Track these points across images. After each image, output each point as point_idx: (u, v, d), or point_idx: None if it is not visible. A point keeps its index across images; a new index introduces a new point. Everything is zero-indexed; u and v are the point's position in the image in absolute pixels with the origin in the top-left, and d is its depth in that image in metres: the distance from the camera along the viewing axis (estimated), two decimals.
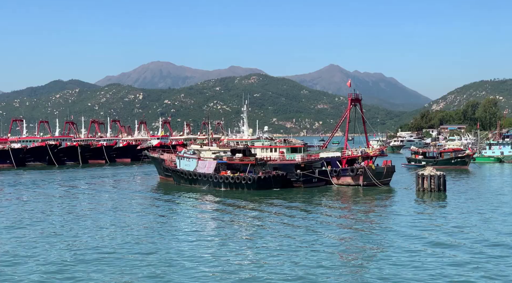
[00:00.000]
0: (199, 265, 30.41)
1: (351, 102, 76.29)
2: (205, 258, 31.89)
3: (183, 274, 28.78)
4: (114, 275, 28.59)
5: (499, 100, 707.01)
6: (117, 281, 27.58)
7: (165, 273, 28.84)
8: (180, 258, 31.88)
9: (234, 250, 33.88)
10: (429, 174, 62.96)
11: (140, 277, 28.25)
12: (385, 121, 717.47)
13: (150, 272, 29.09)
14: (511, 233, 38.31)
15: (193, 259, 31.61)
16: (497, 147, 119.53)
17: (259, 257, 32.07)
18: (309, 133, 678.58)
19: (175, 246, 35.23)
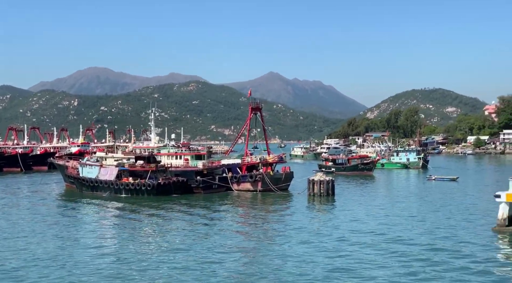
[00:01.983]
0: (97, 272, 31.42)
1: (252, 110, 79.54)
2: (102, 266, 32.79)
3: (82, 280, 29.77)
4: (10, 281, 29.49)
5: (429, 108, 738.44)
6: None
7: (63, 279, 29.77)
8: (77, 266, 32.59)
9: (132, 256, 34.87)
10: (319, 179, 66.98)
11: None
12: (323, 129, 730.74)
13: (47, 278, 29.87)
14: (386, 234, 41.98)
15: (91, 270, 32.01)
16: (403, 154, 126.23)
17: (159, 262, 33.52)
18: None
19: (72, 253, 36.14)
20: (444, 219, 48.93)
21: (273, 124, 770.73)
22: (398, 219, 49.86)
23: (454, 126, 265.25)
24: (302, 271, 30.92)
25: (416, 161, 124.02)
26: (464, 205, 58.11)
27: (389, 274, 30.21)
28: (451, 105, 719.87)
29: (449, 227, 44.78)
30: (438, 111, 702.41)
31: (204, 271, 30.89)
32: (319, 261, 33.38)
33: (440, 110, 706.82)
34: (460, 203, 60.51)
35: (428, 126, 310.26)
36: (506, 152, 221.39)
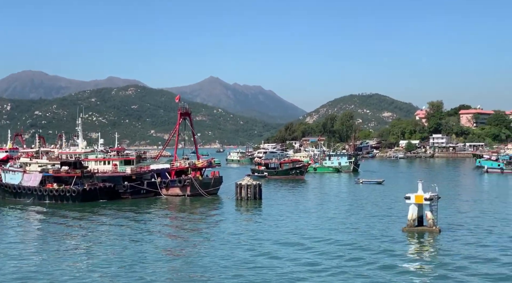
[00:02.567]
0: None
1: (181, 116, 79.59)
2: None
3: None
4: None
5: (366, 113, 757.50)
6: None
7: None
8: None
9: (54, 266, 34.18)
10: (246, 184, 67.83)
11: None
12: (263, 133, 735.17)
13: None
14: (305, 235, 43.54)
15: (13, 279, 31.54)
16: (335, 158, 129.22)
17: (83, 269, 33.22)
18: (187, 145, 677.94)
19: None
20: (361, 220, 50.83)
21: (213, 129, 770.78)
22: (319, 220, 51.60)
23: (387, 131, 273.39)
24: (229, 272, 31.83)
25: (348, 165, 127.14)
26: (382, 207, 60.38)
27: (309, 270, 31.99)
28: (387, 110, 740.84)
29: (365, 227, 46.62)
30: (375, 116, 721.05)
31: (131, 279, 30.91)
32: (244, 261, 34.45)
33: (376, 115, 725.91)
34: (380, 205, 62.82)
35: (363, 131, 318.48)
36: (435, 155, 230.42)
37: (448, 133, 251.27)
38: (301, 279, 30.27)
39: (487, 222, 48.82)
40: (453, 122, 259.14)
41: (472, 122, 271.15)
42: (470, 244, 38.86)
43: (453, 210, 57.57)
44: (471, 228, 45.40)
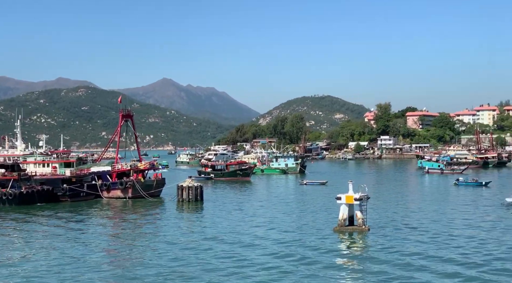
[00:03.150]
0: None
1: (123, 118, 78.93)
2: None
3: None
4: None
5: (319, 115, 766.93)
6: None
7: None
8: None
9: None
10: (188, 185, 67.95)
11: None
12: (216, 135, 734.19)
13: None
14: (242, 234, 44.33)
15: None
16: (282, 160, 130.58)
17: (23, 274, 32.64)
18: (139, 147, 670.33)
19: None
20: (297, 220, 51.93)
21: (166, 131, 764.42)
22: (257, 220, 52.59)
23: (337, 132, 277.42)
24: (170, 271, 32.40)
25: (294, 166, 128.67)
26: (320, 207, 61.64)
27: (242, 266, 33.15)
28: (339, 111, 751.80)
29: (299, 227, 47.73)
30: (327, 118, 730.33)
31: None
32: (185, 261, 35.18)
33: (329, 116, 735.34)
34: (318, 205, 64.10)
35: (313, 132, 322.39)
36: (383, 157, 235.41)
37: (396, 134, 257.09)
38: (233, 274, 31.38)
39: (416, 220, 50.56)
40: (400, 124, 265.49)
41: (418, 124, 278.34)
42: (397, 241, 40.21)
43: (386, 209, 59.42)
44: (399, 226, 46.93)
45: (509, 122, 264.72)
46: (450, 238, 41.67)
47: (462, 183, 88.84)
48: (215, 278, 30.85)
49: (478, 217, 52.74)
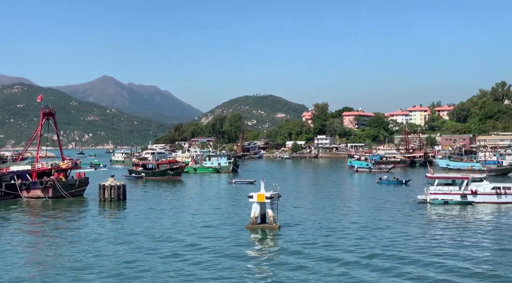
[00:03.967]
0: None
1: (44, 116, 77.26)
2: None
3: None
4: None
5: (261, 114, 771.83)
6: None
7: None
8: None
9: None
10: (110, 184, 67.32)
11: None
12: (158, 134, 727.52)
13: None
14: (158, 235, 44.25)
15: None
16: (215, 159, 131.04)
17: None
18: (78, 145, 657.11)
19: None
20: (214, 219, 52.53)
21: (106, 129, 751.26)
22: (175, 220, 52.75)
23: (275, 132, 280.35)
24: (90, 272, 32.33)
25: (227, 165, 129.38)
26: (239, 206, 62.29)
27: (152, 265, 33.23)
28: (281, 111, 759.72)
29: (213, 225, 48.37)
30: (269, 117, 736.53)
31: None
32: (98, 261, 35.09)
33: (271, 116, 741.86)
34: (237, 204, 64.76)
35: (252, 131, 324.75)
36: (319, 156, 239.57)
37: (332, 134, 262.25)
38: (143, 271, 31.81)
39: (327, 219, 52.05)
40: (337, 124, 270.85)
41: (354, 123, 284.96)
42: (306, 239, 41.35)
43: (303, 207, 60.99)
44: (311, 225, 48.18)
45: (439, 122, 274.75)
46: (356, 235, 43.20)
47: (384, 182, 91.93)
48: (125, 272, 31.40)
49: (387, 215, 54.77)
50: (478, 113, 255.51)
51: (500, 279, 30.32)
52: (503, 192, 60.58)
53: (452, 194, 61.31)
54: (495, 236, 42.55)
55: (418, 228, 46.83)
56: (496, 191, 60.81)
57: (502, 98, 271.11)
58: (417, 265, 33.12)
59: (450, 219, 51.61)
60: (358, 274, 31.44)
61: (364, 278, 30.57)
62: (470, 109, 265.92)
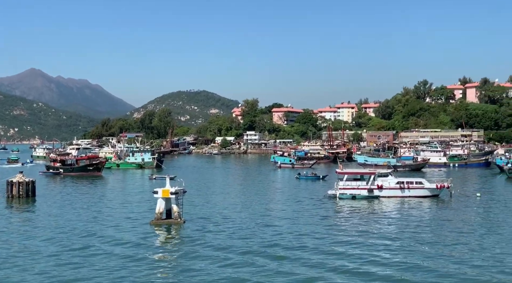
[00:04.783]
0: None
1: None
2: None
3: None
4: None
5: (194, 110, 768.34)
6: None
7: None
8: None
9: None
10: (18, 181, 65.34)
11: None
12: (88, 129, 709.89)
13: None
14: (72, 227, 43.48)
15: None
16: (139, 154, 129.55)
17: None
18: (3, 140, 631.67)
19: None
20: (120, 214, 52.25)
21: (33, 124, 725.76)
22: (83, 214, 52.32)
23: (205, 127, 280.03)
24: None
25: (151, 161, 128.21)
26: (150, 201, 62.03)
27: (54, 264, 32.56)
28: (215, 106, 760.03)
29: (118, 221, 48.05)
30: (202, 113, 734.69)
31: None
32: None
33: (204, 111, 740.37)
34: (150, 199, 64.41)
35: (181, 127, 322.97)
36: (248, 151, 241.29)
37: (261, 130, 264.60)
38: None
39: (236, 213, 52.86)
40: (266, 120, 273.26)
41: (283, 119, 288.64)
42: (210, 234, 41.81)
43: (213, 203, 61.54)
44: (216, 220, 48.67)
45: (366, 119, 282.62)
46: (260, 230, 44.00)
47: (302, 177, 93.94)
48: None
49: (296, 209, 56.17)
50: (402, 111, 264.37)
51: (403, 266, 32.21)
52: (406, 187, 63.38)
53: (360, 189, 63.52)
54: (398, 229, 44.27)
55: (322, 221, 48.50)
56: (400, 186, 63.51)
57: (424, 96, 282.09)
58: (318, 254, 34.70)
59: (355, 212, 53.56)
60: (260, 262, 32.65)
61: (267, 266, 31.84)
62: (394, 106, 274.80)
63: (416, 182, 64.74)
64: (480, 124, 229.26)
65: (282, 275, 30.25)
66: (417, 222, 47.76)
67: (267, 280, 29.42)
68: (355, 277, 29.89)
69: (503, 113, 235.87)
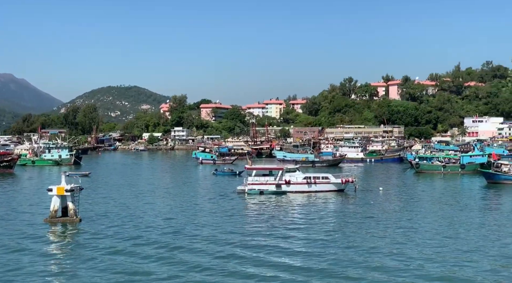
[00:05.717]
0: None
1: None
2: None
3: None
4: None
5: (125, 105, 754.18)
6: None
7: None
8: None
9: None
10: None
11: None
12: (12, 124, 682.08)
13: None
14: None
15: None
16: (56, 151, 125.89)
17: None
18: None
19: None
20: (14, 212, 50.85)
21: None
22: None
23: (132, 124, 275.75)
24: None
25: (68, 157, 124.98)
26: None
27: None
28: (146, 102, 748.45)
29: (11, 219, 46.70)
30: (133, 108, 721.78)
31: None
32: None
33: (135, 107, 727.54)
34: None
35: (108, 123, 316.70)
36: (176, 148, 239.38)
37: (189, 126, 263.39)
38: None
39: (138, 210, 52.49)
40: (194, 116, 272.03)
41: (211, 116, 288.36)
42: (105, 231, 41.31)
43: (116, 200, 60.73)
44: (113, 217, 47.96)
45: (293, 115, 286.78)
46: (161, 225, 43.94)
47: (219, 173, 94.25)
48: None
49: (204, 205, 56.39)
50: (328, 107, 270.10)
51: (307, 255, 33.61)
52: (313, 182, 64.85)
53: (268, 184, 64.43)
54: (305, 224, 45.17)
55: (223, 214, 49.24)
56: (307, 181, 64.91)
57: (349, 93, 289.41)
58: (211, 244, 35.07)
59: (262, 207, 54.41)
60: (154, 257, 33.10)
61: (154, 257, 32.63)
62: (321, 103, 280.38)
63: (322, 177, 66.34)
64: (402, 121, 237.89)
65: (174, 265, 31.06)
66: (321, 214, 49.68)
67: (154, 271, 29.97)
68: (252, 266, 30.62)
69: (423, 110, 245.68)
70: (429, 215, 49.32)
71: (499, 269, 30.66)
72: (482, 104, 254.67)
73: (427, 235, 39.74)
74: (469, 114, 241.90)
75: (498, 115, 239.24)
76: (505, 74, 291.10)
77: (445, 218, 47.64)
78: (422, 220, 46.14)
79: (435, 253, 34.06)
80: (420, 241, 37.68)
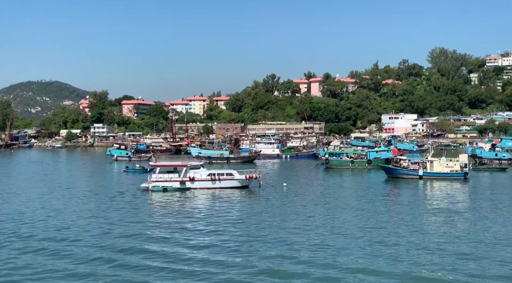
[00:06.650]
0: None
1: None
2: None
3: None
4: None
5: (46, 101, 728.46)
6: None
7: None
8: None
9: None
10: None
11: None
12: None
13: None
14: None
15: None
16: None
17: None
18: None
19: None
20: None
21: None
22: None
23: (49, 120, 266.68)
24: None
25: None
26: None
27: None
28: (69, 98, 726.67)
29: None
30: (55, 104, 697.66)
31: None
32: None
33: (57, 103, 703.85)
34: None
35: (23, 119, 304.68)
36: (95, 144, 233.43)
37: (110, 122, 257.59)
38: None
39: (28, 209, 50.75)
40: (115, 112, 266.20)
41: (133, 112, 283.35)
42: None
43: (11, 200, 58.66)
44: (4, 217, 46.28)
45: (217, 111, 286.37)
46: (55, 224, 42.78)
47: (130, 170, 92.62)
48: None
49: (106, 202, 55.25)
50: (251, 104, 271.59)
51: (211, 248, 34.31)
52: (217, 178, 64.88)
53: (172, 181, 63.92)
54: (208, 219, 45.22)
55: (120, 211, 48.68)
56: (211, 177, 64.85)
57: (272, 89, 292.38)
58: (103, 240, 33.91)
59: (165, 204, 54.04)
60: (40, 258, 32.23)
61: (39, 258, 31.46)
62: (244, 99, 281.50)
63: (226, 173, 66.51)
64: (323, 117, 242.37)
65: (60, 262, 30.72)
66: (223, 209, 50.36)
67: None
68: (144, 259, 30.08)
69: (343, 106, 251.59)
70: (322, 207, 51.27)
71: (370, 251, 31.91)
72: (399, 101, 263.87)
73: (316, 223, 42.20)
74: (386, 111, 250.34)
75: (413, 112, 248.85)
76: (420, 73, 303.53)
77: (336, 208, 49.77)
78: (314, 212, 48.32)
79: (320, 242, 35.98)
80: (306, 231, 39.24)
